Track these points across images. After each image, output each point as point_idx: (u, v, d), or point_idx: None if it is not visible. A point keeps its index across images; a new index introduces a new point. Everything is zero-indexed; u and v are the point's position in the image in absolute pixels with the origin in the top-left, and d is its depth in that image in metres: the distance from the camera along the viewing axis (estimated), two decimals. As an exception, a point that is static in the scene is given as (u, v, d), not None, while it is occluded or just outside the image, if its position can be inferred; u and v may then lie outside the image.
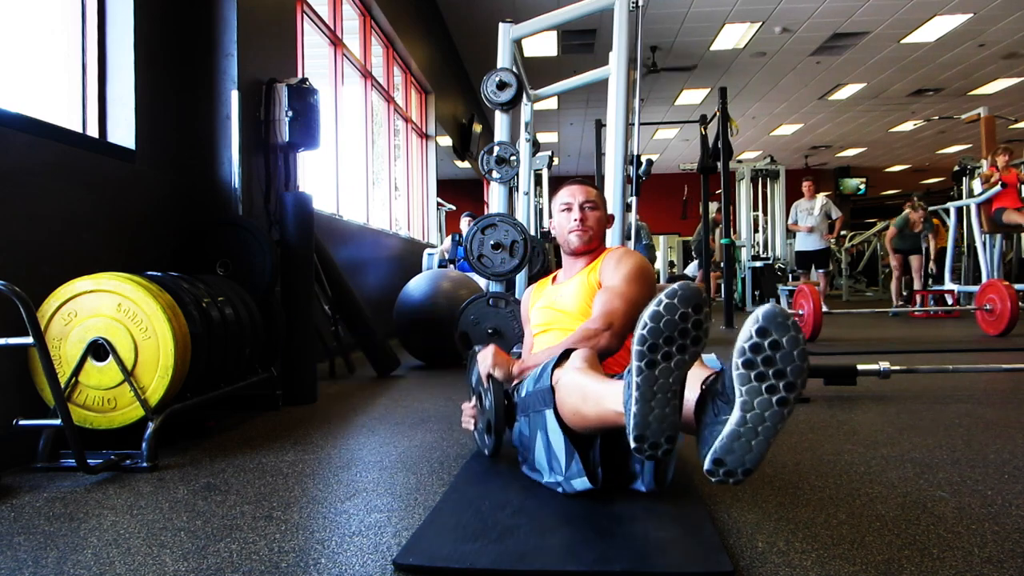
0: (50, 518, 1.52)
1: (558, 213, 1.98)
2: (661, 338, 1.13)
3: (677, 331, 1.13)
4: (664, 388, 1.15)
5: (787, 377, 1.06)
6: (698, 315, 1.14)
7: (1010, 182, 6.47)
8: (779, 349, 1.06)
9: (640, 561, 1.21)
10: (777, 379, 1.06)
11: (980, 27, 8.53)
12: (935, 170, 18.43)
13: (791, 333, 1.06)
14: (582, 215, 1.93)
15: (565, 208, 1.96)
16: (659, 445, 1.17)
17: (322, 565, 1.24)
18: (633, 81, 3.51)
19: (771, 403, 1.07)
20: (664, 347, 1.13)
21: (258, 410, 2.79)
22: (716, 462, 1.10)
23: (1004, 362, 3.09)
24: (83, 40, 2.61)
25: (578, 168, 17.22)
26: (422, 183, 8.37)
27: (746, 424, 1.08)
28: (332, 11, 5.13)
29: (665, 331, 1.13)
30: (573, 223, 1.93)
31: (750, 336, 1.06)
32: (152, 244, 2.71)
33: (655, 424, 1.16)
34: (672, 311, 1.13)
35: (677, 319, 1.13)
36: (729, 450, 1.09)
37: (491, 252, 3.14)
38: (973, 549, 1.24)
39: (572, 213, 1.94)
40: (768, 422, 1.08)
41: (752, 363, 1.07)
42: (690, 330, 1.13)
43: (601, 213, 1.98)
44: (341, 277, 3.82)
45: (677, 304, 1.13)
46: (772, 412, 1.07)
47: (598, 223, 1.96)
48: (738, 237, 9.22)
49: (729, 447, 1.09)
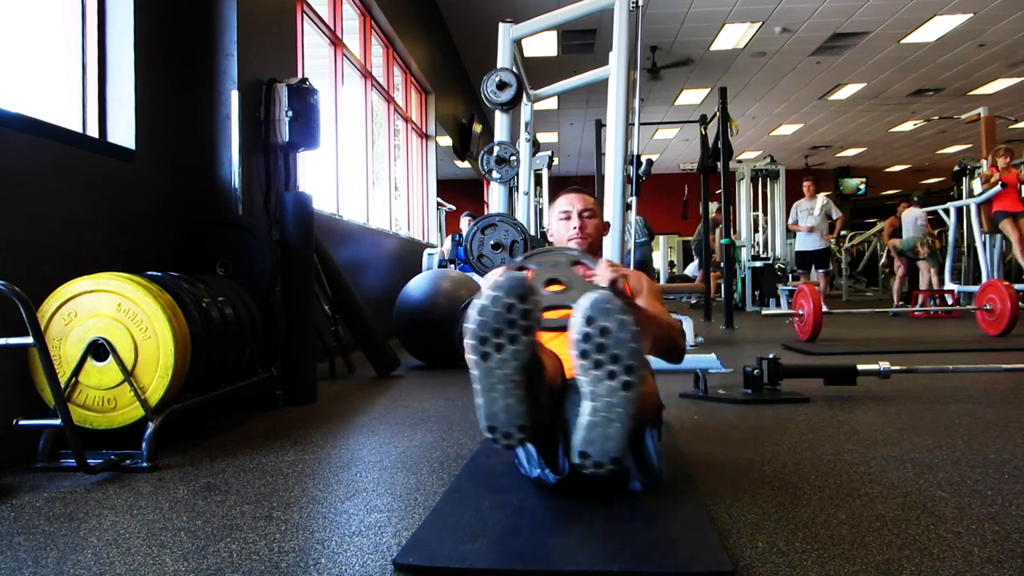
0: (50, 518, 1.52)
1: (557, 221, 2.02)
2: (489, 330, 1.15)
3: (503, 322, 1.14)
4: (503, 379, 1.16)
5: (623, 360, 1.09)
6: (524, 304, 1.15)
7: (1010, 182, 6.47)
8: (609, 334, 1.08)
9: (640, 561, 1.21)
10: (614, 363, 1.09)
11: (980, 27, 8.53)
12: (935, 170, 18.43)
13: (618, 316, 1.09)
14: (581, 223, 1.97)
15: (564, 216, 2.00)
16: (511, 435, 1.19)
17: (322, 565, 1.24)
18: (633, 81, 3.51)
19: (615, 389, 1.10)
20: (494, 339, 1.15)
21: (258, 410, 2.79)
22: (581, 455, 1.13)
23: (1004, 362, 3.09)
24: (83, 40, 2.61)
25: (578, 168, 17.22)
26: (422, 183, 8.37)
27: (597, 413, 1.11)
28: (332, 11, 5.13)
29: (493, 323, 1.15)
30: (573, 231, 1.96)
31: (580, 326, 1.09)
32: (152, 244, 2.71)
33: (502, 415, 1.18)
34: (497, 303, 1.15)
35: (502, 310, 1.14)
36: (589, 441, 1.11)
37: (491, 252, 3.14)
38: (973, 549, 1.24)
39: (571, 221, 1.98)
40: (618, 407, 1.10)
41: (587, 353, 1.10)
42: (516, 320, 1.15)
43: (598, 221, 2.03)
44: (341, 277, 3.82)
45: (502, 296, 1.15)
46: (619, 397, 1.10)
47: (596, 230, 2.01)
48: (738, 237, 9.22)
49: (589, 438, 1.11)
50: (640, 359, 1.09)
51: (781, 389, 2.85)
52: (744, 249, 9.22)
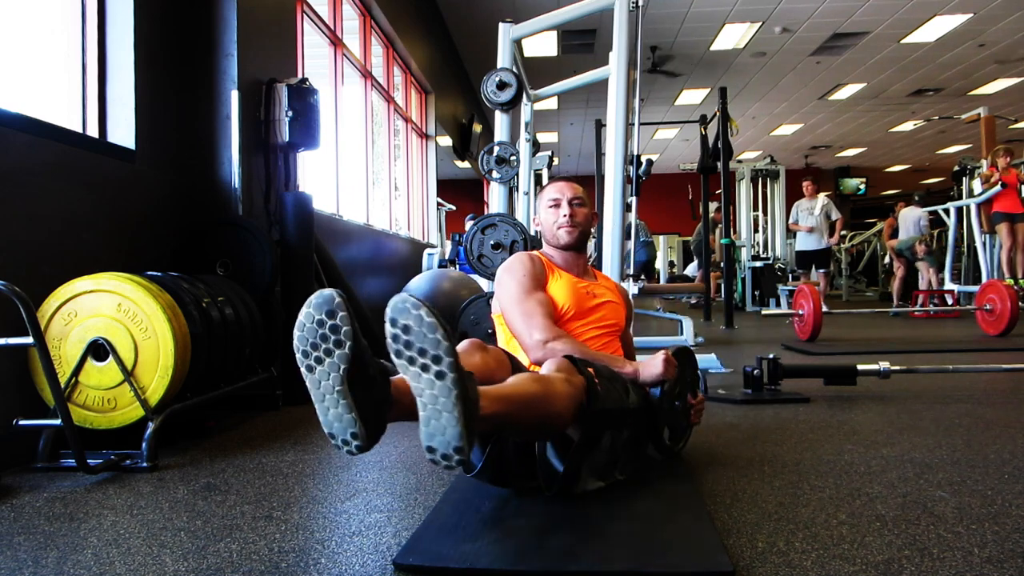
0: (50, 518, 1.52)
1: (545, 209, 2.00)
2: (307, 344, 1.21)
3: (318, 337, 1.20)
4: (329, 389, 1.21)
5: (429, 352, 1.13)
6: (332, 320, 1.20)
7: (1010, 182, 6.47)
8: (411, 332, 1.13)
9: (640, 561, 1.21)
10: (422, 356, 1.13)
11: (980, 27, 8.53)
12: (935, 170, 18.42)
13: (415, 312, 1.13)
14: (571, 211, 1.95)
15: (553, 204, 1.98)
16: (348, 442, 1.23)
17: (322, 565, 1.24)
18: (633, 81, 3.51)
19: (432, 381, 1.13)
20: (313, 352, 1.21)
21: (258, 410, 2.79)
22: (428, 450, 1.17)
23: (1004, 362, 3.09)
24: (83, 40, 2.61)
25: (578, 168, 17.21)
26: (422, 183, 8.36)
27: (426, 407, 1.14)
28: (332, 11, 5.13)
29: (309, 337, 1.21)
30: (563, 219, 1.95)
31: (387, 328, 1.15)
32: (152, 244, 2.71)
33: (337, 423, 1.23)
34: (310, 319, 1.20)
35: (315, 326, 1.20)
36: (430, 435, 1.15)
37: (491, 252, 3.13)
38: (973, 549, 1.24)
39: (561, 209, 1.96)
40: (442, 397, 1.13)
41: (399, 352, 1.15)
42: (329, 335, 1.20)
43: (588, 210, 2.01)
44: (341, 277, 3.82)
45: (312, 312, 1.20)
46: (438, 388, 1.13)
47: (585, 219, 1.99)
48: (738, 237, 9.22)
49: (429, 433, 1.15)
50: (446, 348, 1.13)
51: (781, 389, 2.85)
52: (744, 249, 9.22)
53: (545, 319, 1.77)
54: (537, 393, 1.38)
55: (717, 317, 7.08)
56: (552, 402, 1.39)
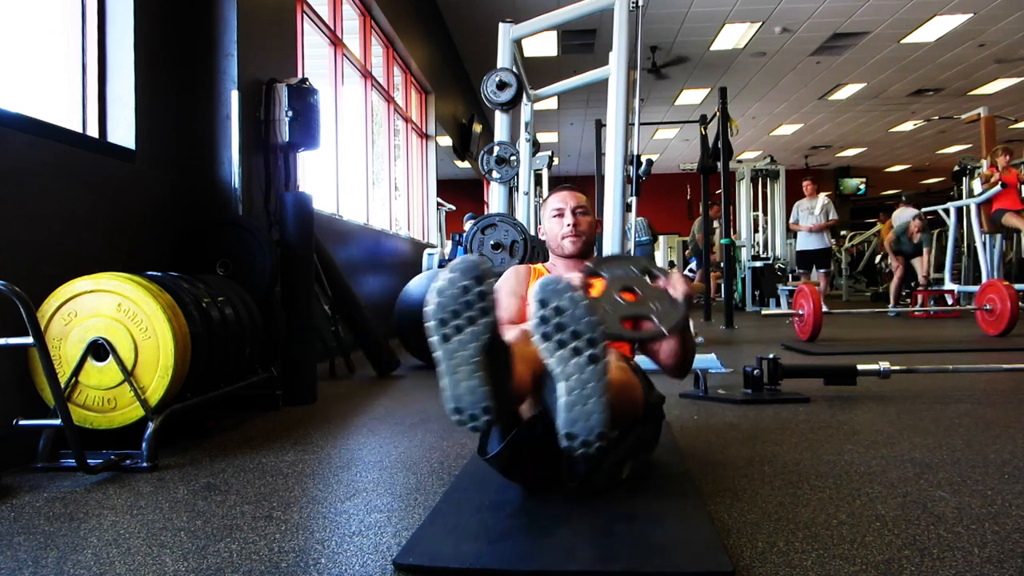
0: (50, 518, 1.52)
1: (549, 219, 2.01)
2: (447, 311, 1.15)
3: (461, 303, 1.15)
4: (465, 360, 1.16)
5: (584, 334, 1.10)
6: (480, 285, 1.15)
7: (1010, 182, 6.47)
8: (563, 312, 1.09)
9: (640, 561, 1.21)
10: (575, 339, 1.10)
11: (980, 27, 8.53)
12: (935, 170, 18.42)
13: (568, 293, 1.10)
14: (575, 220, 1.96)
15: (557, 214, 1.99)
16: (477, 417, 1.19)
17: (322, 565, 1.24)
18: (633, 81, 3.51)
19: (583, 365, 1.10)
20: (453, 320, 1.15)
21: (258, 410, 2.79)
22: (568, 436, 1.13)
23: (1004, 362, 3.09)
24: (83, 40, 2.61)
25: (578, 168, 17.21)
26: (422, 183, 8.37)
27: (572, 392, 1.11)
28: (332, 11, 5.13)
29: (450, 304, 1.15)
30: (567, 228, 1.95)
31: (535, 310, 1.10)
32: (152, 244, 2.71)
33: (467, 396, 1.18)
34: (453, 284, 1.15)
35: (458, 291, 1.15)
36: (572, 421, 1.12)
37: (491, 252, 3.14)
38: (973, 549, 1.24)
39: (565, 219, 1.96)
40: (591, 382, 1.10)
41: (548, 334, 1.11)
42: (474, 301, 1.15)
43: (592, 218, 2.02)
44: (341, 277, 3.82)
45: (457, 276, 1.15)
46: (588, 372, 1.10)
47: (589, 227, 2.00)
48: (738, 237, 9.22)
49: (570, 419, 1.12)
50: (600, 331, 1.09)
51: (781, 389, 2.85)
52: (744, 249, 9.22)
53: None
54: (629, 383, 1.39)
55: (717, 317, 7.08)
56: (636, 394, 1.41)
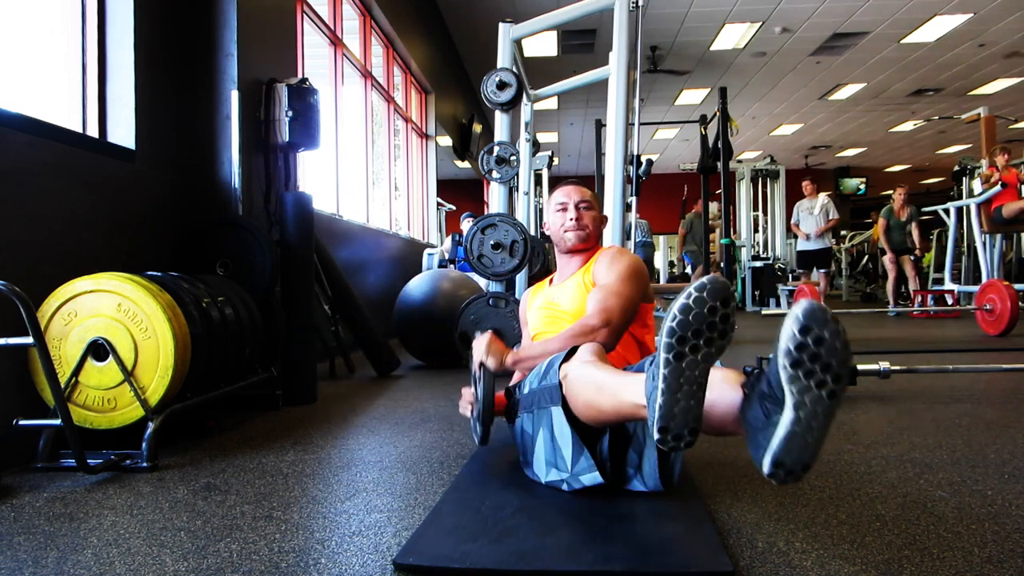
0: (50, 518, 1.52)
1: (553, 213, 2.00)
2: (690, 331, 1.14)
3: (705, 324, 1.14)
4: (690, 380, 1.16)
5: (834, 369, 1.07)
6: (726, 308, 1.14)
7: (1010, 182, 6.46)
8: (823, 344, 1.06)
9: (640, 561, 1.21)
10: (824, 373, 1.07)
11: (980, 27, 8.53)
12: (935, 170, 18.42)
13: (832, 326, 1.07)
14: (577, 214, 1.96)
15: (560, 208, 1.98)
16: (682, 437, 1.18)
17: (322, 565, 1.24)
18: (633, 81, 3.51)
19: (822, 398, 1.07)
20: (692, 339, 1.14)
21: (258, 410, 2.79)
22: (777, 464, 1.11)
23: (1004, 362, 3.09)
24: (83, 40, 2.61)
25: (578, 168, 17.21)
26: (422, 183, 8.37)
27: (800, 423, 1.09)
28: (332, 11, 5.13)
29: (694, 324, 1.14)
30: (569, 222, 1.95)
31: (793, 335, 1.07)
32: (152, 244, 2.71)
33: (680, 416, 1.17)
34: (701, 304, 1.13)
35: (706, 312, 1.13)
36: (787, 450, 1.10)
37: (491, 252, 3.14)
38: (973, 549, 1.24)
39: (568, 213, 1.96)
40: (821, 417, 1.08)
41: (799, 362, 1.07)
42: (718, 323, 1.14)
43: (596, 213, 2.01)
44: (341, 277, 3.82)
45: (706, 297, 1.13)
46: (824, 406, 1.08)
47: (593, 222, 1.99)
48: (738, 237, 9.22)
49: (787, 448, 1.10)
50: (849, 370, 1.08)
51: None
52: (744, 249, 9.23)
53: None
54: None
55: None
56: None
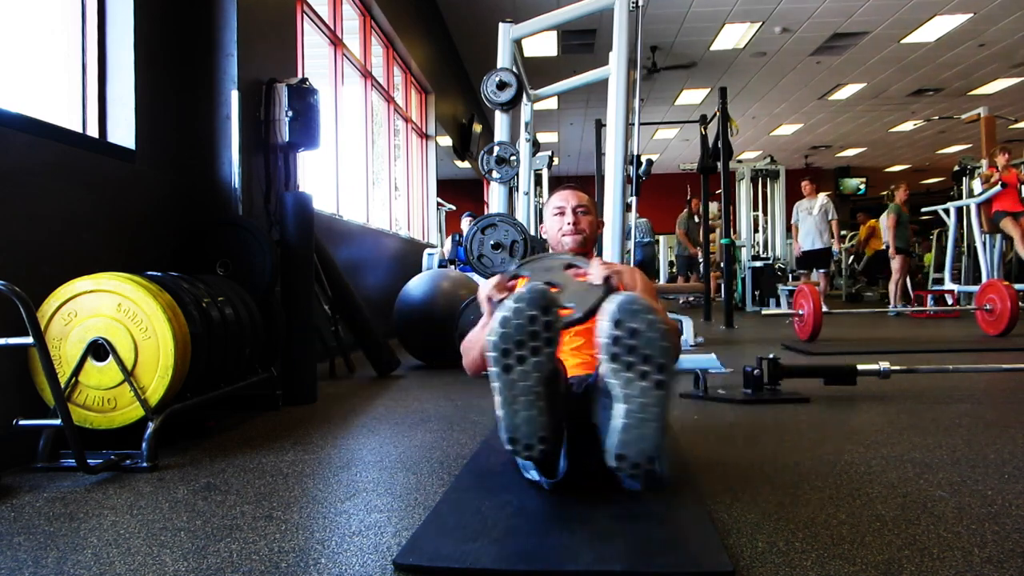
0: (50, 518, 1.52)
1: (551, 217, 2.02)
2: (511, 342, 1.15)
3: (526, 333, 1.14)
4: (525, 391, 1.16)
5: (655, 359, 1.08)
6: (547, 316, 1.15)
7: (1010, 182, 6.47)
8: (638, 335, 1.08)
9: (640, 561, 1.21)
10: (645, 364, 1.08)
11: (980, 27, 8.53)
12: (935, 170, 18.42)
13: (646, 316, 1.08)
14: (575, 219, 1.96)
15: (558, 212, 1.99)
16: (532, 446, 1.20)
17: (322, 565, 1.24)
18: (633, 81, 3.51)
19: (648, 389, 1.09)
20: (516, 350, 1.15)
21: (258, 410, 2.79)
22: (618, 457, 1.12)
23: (1004, 362, 3.09)
24: (83, 40, 2.61)
25: (578, 168, 17.21)
26: (422, 183, 8.37)
27: (632, 415, 1.10)
28: (332, 11, 5.13)
29: (515, 334, 1.14)
30: (567, 226, 1.96)
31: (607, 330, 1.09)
32: (152, 244, 2.71)
33: (524, 426, 1.18)
34: (519, 315, 1.14)
35: (524, 321, 1.14)
36: (625, 443, 1.11)
37: (491, 252, 3.13)
38: (973, 549, 1.24)
39: (565, 217, 1.97)
40: (652, 407, 1.10)
41: (616, 355, 1.09)
42: (540, 332, 1.15)
43: (593, 218, 2.02)
44: (341, 277, 3.82)
45: (524, 308, 1.14)
46: (652, 397, 1.10)
47: (590, 226, 2.00)
48: (738, 237, 9.22)
49: (624, 440, 1.10)
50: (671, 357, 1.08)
51: (781, 389, 2.85)
52: (744, 249, 9.22)
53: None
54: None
55: (717, 317, 7.08)
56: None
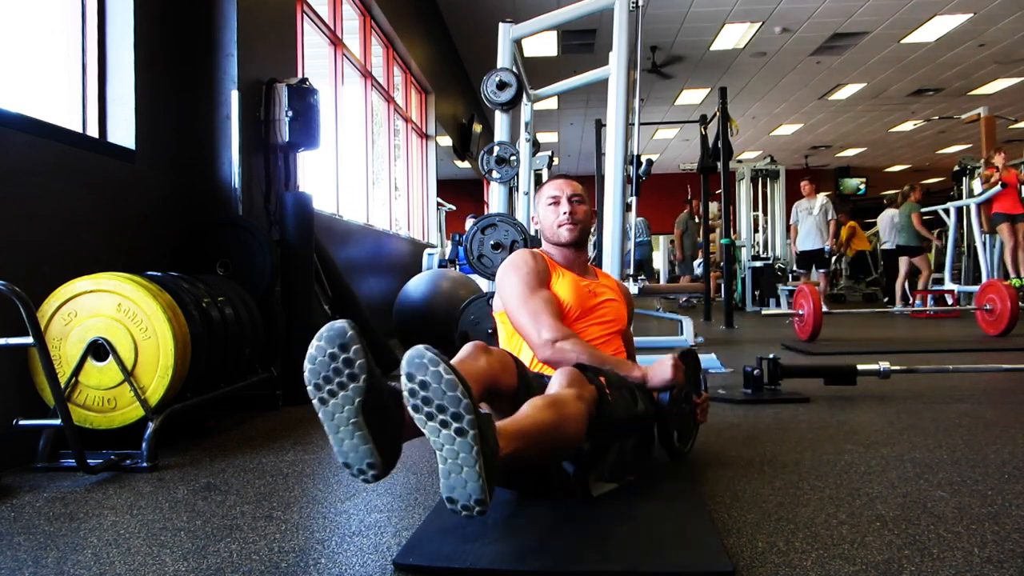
0: (50, 518, 1.52)
1: (545, 207, 1.98)
2: (320, 377, 1.19)
3: (331, 370, 1.19)
4: (344, 421, 1.20)
5: (448, 410, 1.10)
6: (346, 353, 1.18)
7: (1010, 182, 6.47)
8: (428, 388, 1.11)
9: (640, 561, 1.21)
10: (441, 413, 1.11)
11: (980, 27, 8.52)
12: (935, 170, 18.41)
13: (433, 369, 1.11)
14: (571, 208, 1.93)
15: (553, 202, 1.96)
16: (364, 472, 1.23)
17: (322, 565, 1.24)
18: (633, 81, 3.51)
19: (452, 437, 1.11)
20: (326, 385, 1.19)
21: (258, 410, 2.79)
22: (449, 500, 1.15)
23: (1004, 362, 3.09)
24: (83, 40, 2.61)
25: (578, 168, 17.20)
26: (422, 183, 8.37)
27: (447, 461, 1.12)
28: (332, 11, 5.13)
29: (321, 371, 1.19)
30: (563, 216, 1.93)
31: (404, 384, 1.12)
32: (152, 244, 2.71)
33: (352, 453, 1.22)
34: (322, 352, 1.19)
35: (327, 359, 1.19)
36: (451, 487, 1.14)
37: (491, 252, 3.13)
38: (973, 549, 1.24)
39: (561, 207, 1.94)
40: (463, 453, 1.11)
41: (417, 407, 1.12)
42: (342, 368, 1.19)
43: (588, 207, 1.99)
44: (341, 277, 3.82)
45: (324, 345, 1.19)
46: (458, 444, 1.11)
47: (586, 216, 1.97)
48: (738, 237, 9.22)
49: (449, 485, 1.14)
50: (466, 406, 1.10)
51: (781, 389, 2.85)
52: (744, 249, 9.22)
53: (552, 318, 1.73)
54: (552, 420, 1.34)
55: (717, 317, 7.08)
56: (566, 426, 1.36)
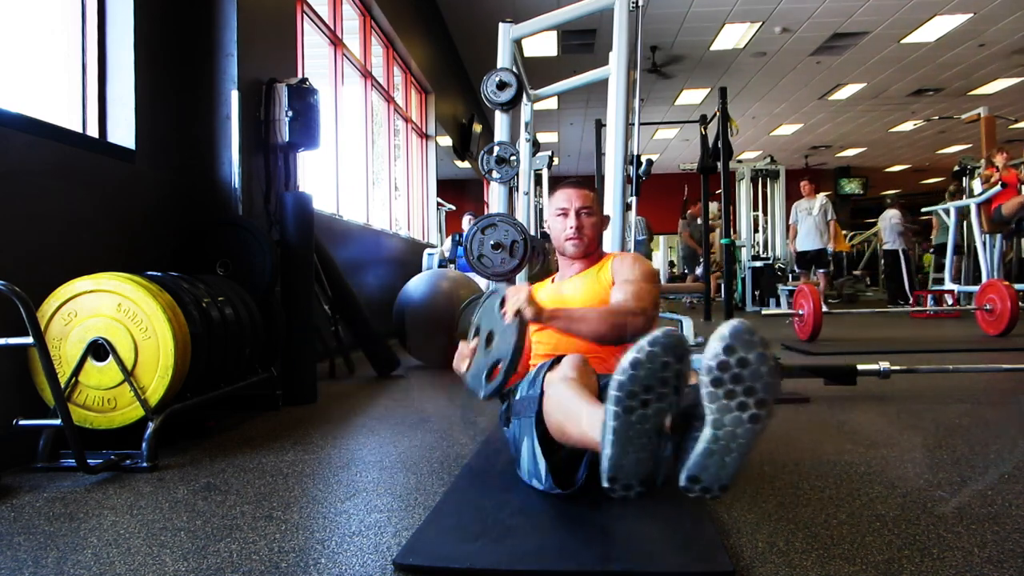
0: (50, 518, 1.52)
1: (554, 217, 1.96)
2: (640, 386, 1.12)
3: (657, 379, 1.12)
4: (641, 434, 1.14)
5: (757, 393, 1.06)
6: (680, 364, 1.12)
7: (1010, 182, 6.47)
8: (747, 366, 1.05)
9: (640, 561, 1.21)
10: (747, 396, 1.06)
11: (980, 27, 8.53)
12: (935, 170, 18.41)
13: (758, 349, 1.05)
14: (578, 222, 1.91)
15: (561, 213, 1.94)
16: (631, 487, 1.18)
17: (322, 565, 1.24)
18: (633, 81, 3.51)
19: (742, 420, 1.06)
20: (643, 395, 1.12)
21: (258, 410, 2.79)
22: (691, 479, 1.10)
23: (1004, 362, 3.09)
24: (83, 40, 2.61)
25: (578, 168, 17.20)
26: (422, 183, 8.36)
27: (718, 441, 1.08)
28: (332, 11, 5.13)
29: (646, 380, 1.12)
30: (570, 231, 1.91)
31: (716, 354, 1.05)
32: (152, 244, 2.71)
33: (630, 467, 1.16)
34: (653, 360, 1.11)
35: (658, 367, 1.11)
36: (703, 467, 1.08)
37: (491, 252, 3.13)
38: (973, 549, 1.24)
39: (568, 220, 1.92)
40: (741, 439, 1.07)
41: (720, 381, 1.06)
42: (670, 379, 1.12)
43: (597, 218, 1.97)
44: (341, 277, 3.82)
45: (659, 353, 1.11)
46: (744, 429, 1.07)
47: (593, 228, 1.95)
48: (738, 237, 9.22)
49: (703, 464, 1.08)
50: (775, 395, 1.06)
51: (781, 389, 2.85)
52: (744, 249, 9.22)
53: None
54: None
55: (717, 317, 7.08)
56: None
